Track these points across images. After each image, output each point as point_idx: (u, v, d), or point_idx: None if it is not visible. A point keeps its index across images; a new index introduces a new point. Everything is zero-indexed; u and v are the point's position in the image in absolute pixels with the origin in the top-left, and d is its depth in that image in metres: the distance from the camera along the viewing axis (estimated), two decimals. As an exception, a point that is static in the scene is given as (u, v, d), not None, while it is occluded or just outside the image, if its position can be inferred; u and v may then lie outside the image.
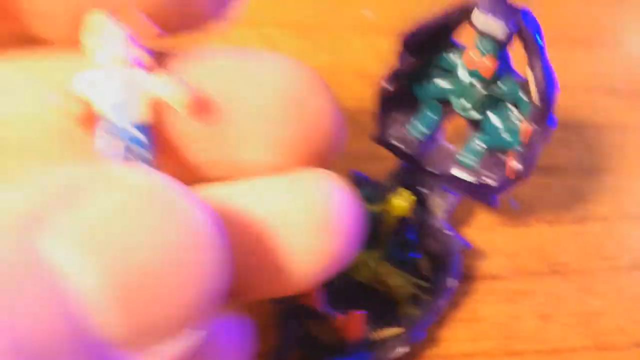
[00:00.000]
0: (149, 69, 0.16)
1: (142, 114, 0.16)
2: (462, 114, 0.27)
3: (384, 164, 0.31)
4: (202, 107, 0.16)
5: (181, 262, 0.13)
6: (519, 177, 0.26)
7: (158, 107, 0.16)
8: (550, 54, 0.25)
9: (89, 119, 0.15)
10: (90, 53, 0.16)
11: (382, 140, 0.28)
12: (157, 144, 0.16)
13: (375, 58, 0.35)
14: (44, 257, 0.12)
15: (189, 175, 0.18)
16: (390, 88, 0.27)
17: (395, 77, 0.27)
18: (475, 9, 0.23)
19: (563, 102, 0.32)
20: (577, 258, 0.31)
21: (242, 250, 0.17)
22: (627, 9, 0.41)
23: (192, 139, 0.17)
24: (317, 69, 0.22)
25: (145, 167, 0.15)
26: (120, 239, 0.13)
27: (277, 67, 0.18)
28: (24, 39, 0.17)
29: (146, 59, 0.16)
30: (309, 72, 0.19)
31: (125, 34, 0.15)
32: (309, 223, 0.18)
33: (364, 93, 0.34)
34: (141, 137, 0.16)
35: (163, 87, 0.16)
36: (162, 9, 0.17)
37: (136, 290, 0.13)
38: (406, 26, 0.28)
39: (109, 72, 0.15)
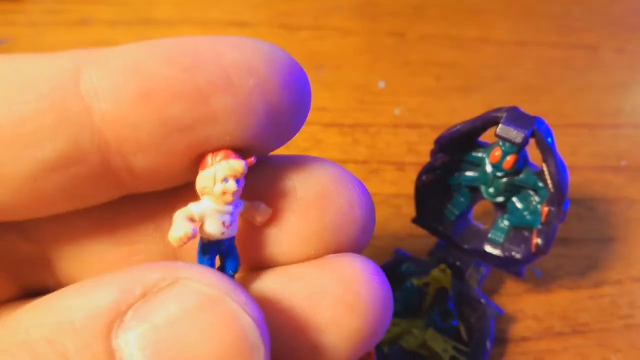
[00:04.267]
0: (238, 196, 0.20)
1: (232, 230, 0.19)
2: (489, 199, 0.31)
3: (421, 242, 0.34)
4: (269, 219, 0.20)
5: None
6: (540, 251, 0.29)
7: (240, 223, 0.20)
8: (559, 139, 0.28)
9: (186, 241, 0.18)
10: (200, 189, 0.19)
11: (421, 223, 0.32)
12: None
13: (405, 148, 0.40)
14: (118, 345, 0.15)
15: (251, 262, 0.21)
16: (426, 180, 0.31)
17: (430, 170, 0.30)
18: (500, 122, 0.26)
19: (574, 181, 0.35)
20: (596, 318, 0.34)
21: (280, 330, 0.19)
22: (624, 92, 0.45)
23: (255, 240, 0.20)
24: (356, 160, 0.26)
25: (215, 273, 0.17)
26: (177, 341, 0.15)
27: (315, 170, 0.20)
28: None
29: (237, 190, 0.19)
30: (342, 171, 0.21)
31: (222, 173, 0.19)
32: (340, 302, 0.19)
33: (397, 178, 0.38)
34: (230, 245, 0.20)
35: (246, 210, 0.20)
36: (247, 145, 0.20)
37: None
38: (431, 122, 0.31)
39: (210, 204, 0.19)
